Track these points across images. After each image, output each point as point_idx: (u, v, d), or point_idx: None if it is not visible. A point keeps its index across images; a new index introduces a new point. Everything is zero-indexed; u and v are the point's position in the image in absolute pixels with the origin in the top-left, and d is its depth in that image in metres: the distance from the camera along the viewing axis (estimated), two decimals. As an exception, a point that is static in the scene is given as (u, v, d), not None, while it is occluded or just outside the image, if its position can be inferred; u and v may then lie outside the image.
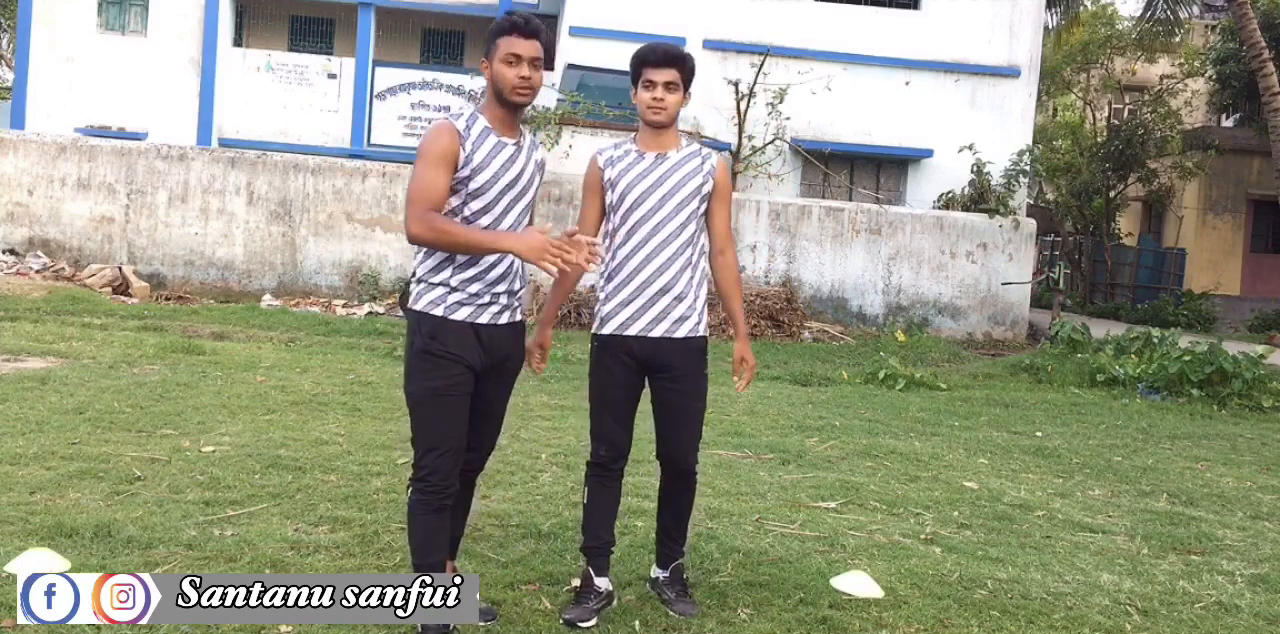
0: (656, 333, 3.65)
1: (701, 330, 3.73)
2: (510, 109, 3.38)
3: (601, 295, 3.73)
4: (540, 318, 3.85)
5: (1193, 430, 8.68)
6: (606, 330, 3.69)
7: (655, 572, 3.89)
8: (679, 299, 3.66)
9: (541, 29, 3.36)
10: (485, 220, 3.33)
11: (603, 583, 3.70)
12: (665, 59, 3.65)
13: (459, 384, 3.33)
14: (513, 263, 3.40)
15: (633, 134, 3.84)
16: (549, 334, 3.82)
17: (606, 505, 3.77)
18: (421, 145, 3.32)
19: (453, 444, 3.34)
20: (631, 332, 3.66)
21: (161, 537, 4.12)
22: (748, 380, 3.85)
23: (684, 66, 3.69)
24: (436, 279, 3.35)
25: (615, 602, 3.73)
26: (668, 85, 3.64)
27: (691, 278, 3.70)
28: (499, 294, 3.38)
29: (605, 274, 3.73)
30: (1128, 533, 5.24)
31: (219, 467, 5.29)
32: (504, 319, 3.41)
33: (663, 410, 3.73)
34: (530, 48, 3.32)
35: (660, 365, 3.67)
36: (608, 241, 3.72)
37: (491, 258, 3.34)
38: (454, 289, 3.33)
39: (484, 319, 3.36)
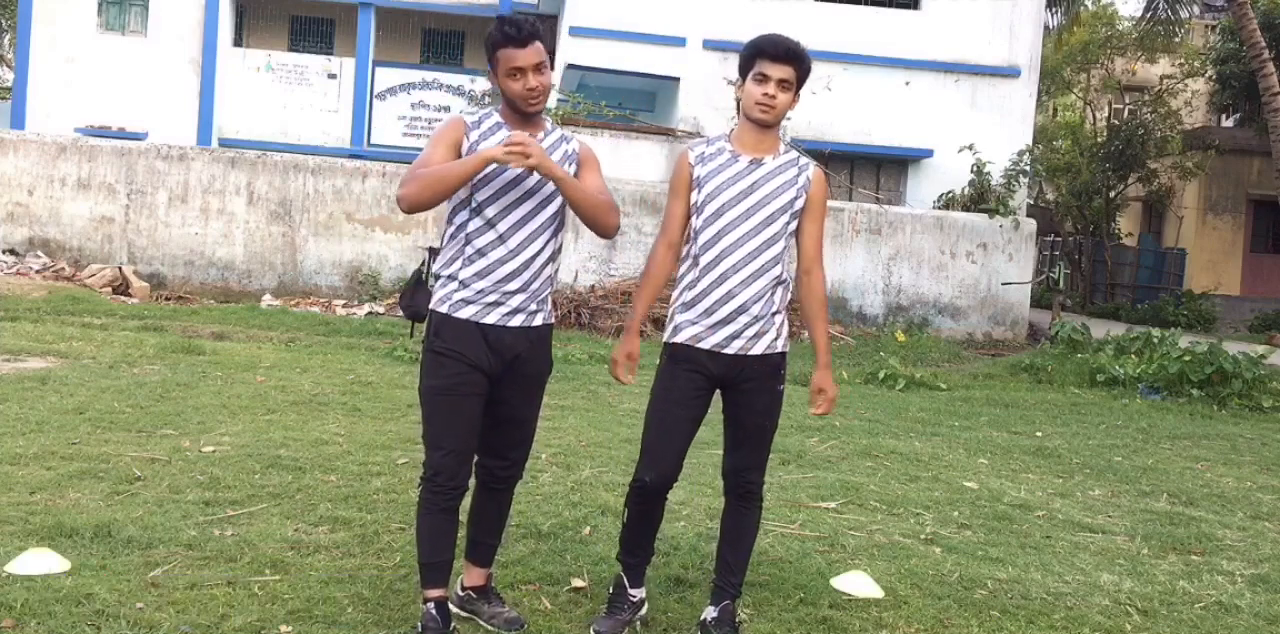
0: (731, 349, 3.42)
1: (780, 346, 3.50)
2: (524, 114, 3.38)
3: (678, 302, 3.50)
4: (626, 326, 3.58)
5: (1193, 430, 8.68)
6: (680, 339, 3.45)
7: (706, 611, 3.57)
8: (758, 317, 3.42)
9: (534, 32, 3.28)
10: (493, 210, 3.32)
11: (637, 593, 3.58)
12: (786, 54, 3.35)
13: (462, 384, 3.31)
14: (529, 262, 3.34)
15: (730, 130, 3.58)
16: (636, 342, 3.54)
17: (648, 527, 3.61)
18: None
19: (457, 444, 3.32)
20: (705, 345, 3.42)
21: (161, 537, 4.12)
22: (824, 410, 3.58)
23: (802, 66, 3.39)
24: (447, 272, 3.37)
25: (645, 610, 3.63)
26: (782, 83, 3.35)
27: (773, 295, 3.46)
28: (509, 293, 3.33)
29: (683, 279, 3.49)
30: (1128, 533, 5.24)
31: (219, 467, 5.28)
32: (515, 321, 3.35)
33: (731, 424, 3.53)
34: (529, 56, 3.26)
35: (733, 382, 3.46)
36: (689, 245, 3.48)
37: (500, 252, 3.32)
38: (462, 284, 3.34)
39: (490, 319, 3.33)
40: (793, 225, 3.48)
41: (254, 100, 22.25)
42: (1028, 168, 17.97)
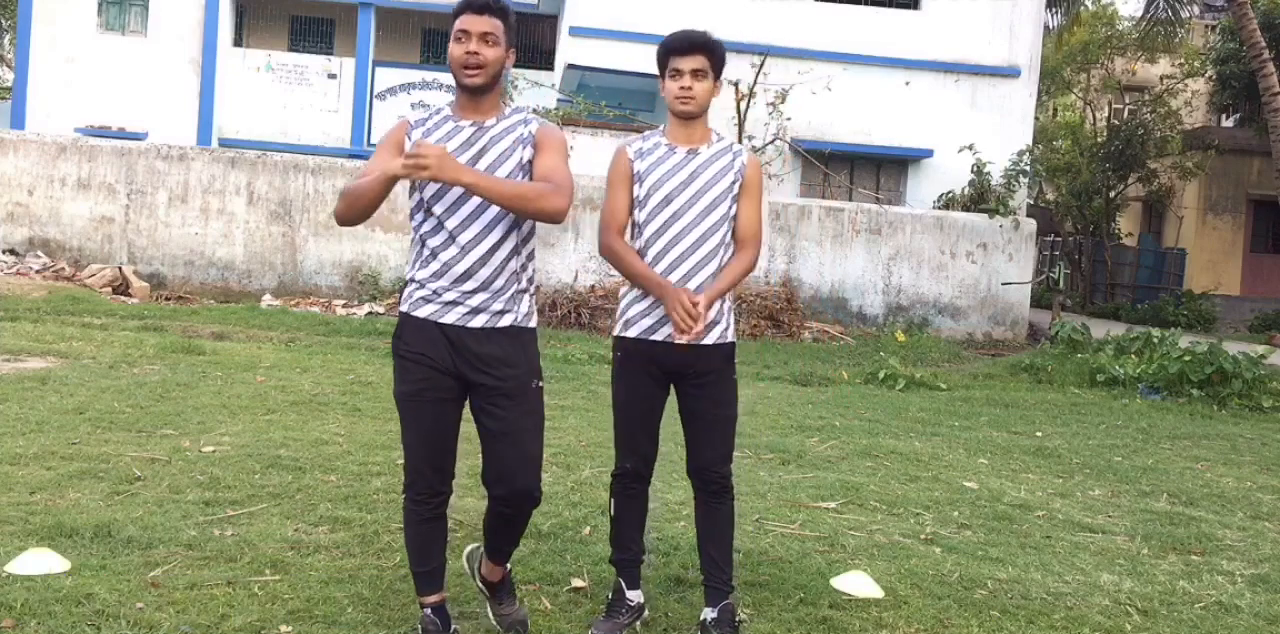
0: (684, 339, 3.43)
1: (730, 336, 3.54)
2: (469, 92, 3.19)
3: (626, 296, 3.55)
4: (652, 284, 3.40)
5: (1193, 430, 8.68)
6: (630, 334, 3.50)
7: (705, 612, 3.56)
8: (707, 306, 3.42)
9: (497, 7, 3.13)
10: (439, 207, 3.17)
11: (635, 595, 3.58)
12: (690, 45, 3.47)
13: (428, 388, 3.20)
14: (484, 258, 3.17)
15: (662, 126, 3.62)
16: (674, 290, 3.35)
17: (635, 517, 3.63)
18: None
19: (429, 452, 3.24)
20: (657, 337, 3.45)
21: (161, 537, 4.12)
22: (693, 330, 3.35)
23: (712, 53, 3.48)
24: (409, 275, 3.28)
25: (646, 613, 3.63)
26: (695, 73, 3.44)
27: None
28: (467, 292, 3.17)
29: None
30: (1128, 533, 5.24)
31: (219, 467, 5.28)
32: (476, 322, 3.18)
33: (691, 419, 3.55)
34: (479, 23, 3.10)
35: (686, 373, 3.50)
36: (634, 240, 3.53)
37: (451, 251, 3.17)
38: (420, 285, 3.23)
39: (449, 319, 3.18)
40: (734, 210, 3.53)
41: (254, 100, 22.26)
42: (1028, 168, 17.98)
